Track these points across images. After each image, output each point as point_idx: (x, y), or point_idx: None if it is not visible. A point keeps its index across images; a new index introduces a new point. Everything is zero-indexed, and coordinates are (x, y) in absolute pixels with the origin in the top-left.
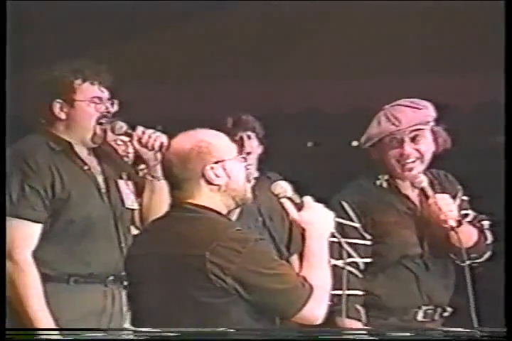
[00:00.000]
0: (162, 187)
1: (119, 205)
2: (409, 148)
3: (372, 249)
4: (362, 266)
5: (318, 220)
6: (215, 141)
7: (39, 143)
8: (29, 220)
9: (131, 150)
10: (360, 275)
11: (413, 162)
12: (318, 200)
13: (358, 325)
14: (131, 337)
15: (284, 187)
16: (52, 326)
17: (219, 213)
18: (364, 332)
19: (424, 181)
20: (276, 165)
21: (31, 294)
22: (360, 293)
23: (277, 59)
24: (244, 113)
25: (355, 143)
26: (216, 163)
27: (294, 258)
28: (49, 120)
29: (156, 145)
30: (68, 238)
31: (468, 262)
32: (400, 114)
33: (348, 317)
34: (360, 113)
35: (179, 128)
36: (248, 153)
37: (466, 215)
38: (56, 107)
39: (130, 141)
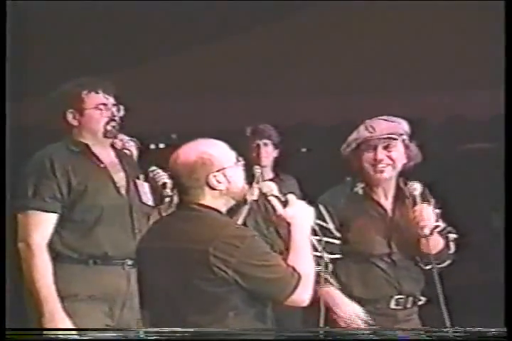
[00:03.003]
0: None
1: (136, 199)
2: (381, 153)
3: (345, 247)
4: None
5: (300, 215)
6: (215, 152)
7: (58, 147)
8: (41, 211)
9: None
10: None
11: (384, 167)
12: (308, 195)
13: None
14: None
15: (270, 187)
16: (57, 303)
17: (219, 212)
18: (365, 332)
19: (417, 189)
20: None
21: (40, 274)
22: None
23: (277, 78)
24: (254, 122)
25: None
26: (218, 171)
27: None
28: (65, 128)
29: (160, 184)
30: (87, 223)
31: (430, 266)
32: (376, 124)
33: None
34: (346, 124)
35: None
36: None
37: (437, 226)
38: (69, 117)
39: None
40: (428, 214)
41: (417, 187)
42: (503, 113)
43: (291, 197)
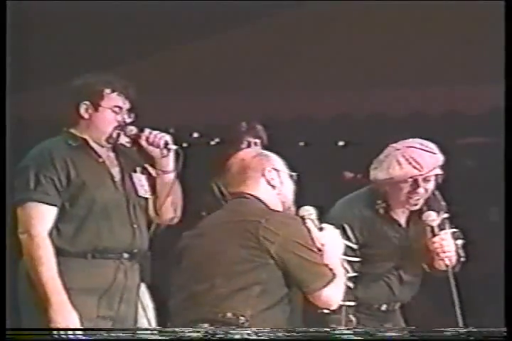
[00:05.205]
0: (170, 180)
1: (133, 193)
2: (422, 188)
3: (363, 265)
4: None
5: (333, 241)
6: (272, 155)
7: (58, 142)
8: (43, 203)
9: None
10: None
11: (419, 199)
12: (305, 187)
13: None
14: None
15: (309, 211)
16: (63, 295)
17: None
18: (367, 332)
19: (436, 220)
20: None
21: (45, 266)
22: (352, 303)
23: (276, 73)
24: (250, 119)
25: (341, 143)
26: (272, 168)
27: None
28: (73, 118)
29: (161, 143)
30: (86, 218)
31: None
32: (420, 158)
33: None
34: (343, 119)
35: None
36: None
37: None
38: (82, 108)
39: (138, 141)
40: (449, 245)
41: (435, 219)
42: (502, 107)
43: (329, 226)
